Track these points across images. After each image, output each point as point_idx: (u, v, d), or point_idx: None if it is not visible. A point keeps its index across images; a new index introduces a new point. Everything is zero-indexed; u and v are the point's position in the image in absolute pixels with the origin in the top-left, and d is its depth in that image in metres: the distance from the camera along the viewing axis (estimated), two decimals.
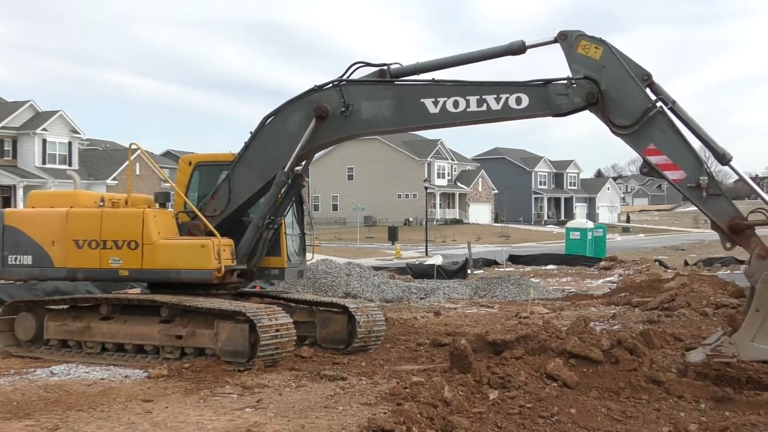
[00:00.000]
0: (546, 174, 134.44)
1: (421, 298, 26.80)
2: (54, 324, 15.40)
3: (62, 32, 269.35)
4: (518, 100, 13.29)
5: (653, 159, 12.75)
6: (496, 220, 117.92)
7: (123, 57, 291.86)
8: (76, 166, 69.37)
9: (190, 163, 16.00)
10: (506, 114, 13.43)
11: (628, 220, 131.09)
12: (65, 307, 15.84)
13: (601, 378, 11.76)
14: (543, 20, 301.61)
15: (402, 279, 32.19)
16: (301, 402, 11.03)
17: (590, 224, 55.05)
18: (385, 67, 14.45)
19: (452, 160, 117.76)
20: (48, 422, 10.04)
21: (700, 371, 12.07)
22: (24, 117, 68.48)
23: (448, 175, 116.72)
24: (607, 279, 35.63)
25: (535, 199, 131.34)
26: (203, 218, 14.83)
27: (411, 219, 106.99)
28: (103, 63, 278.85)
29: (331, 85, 14.50)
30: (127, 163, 73.66)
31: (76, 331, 15.13)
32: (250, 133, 15.14)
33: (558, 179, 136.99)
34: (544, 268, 42.54)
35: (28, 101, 69.64)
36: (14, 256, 15.28)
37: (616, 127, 12.80)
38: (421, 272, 35.92)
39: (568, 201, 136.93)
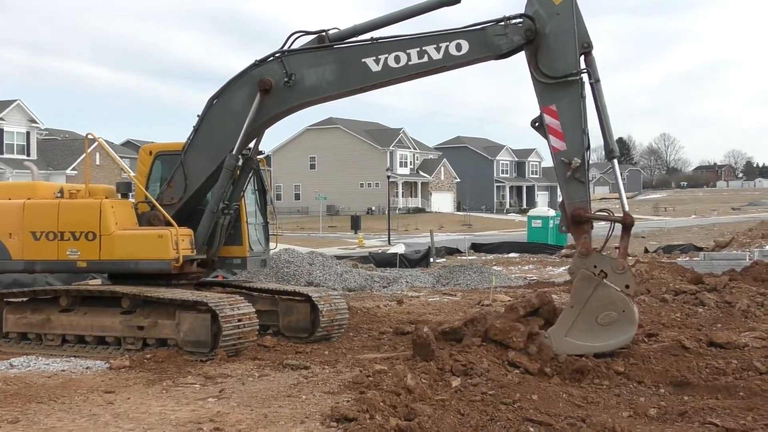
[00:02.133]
0: (508, 162, 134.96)
1: (384, 287, 26.84)
2: (13, 317, 15.23)
3: (17, 22, 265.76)
4: (458, 47, 13.41)
5: (547, 119, 13.09)
6: (458, 209, 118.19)
7: (81, 46, 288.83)
8: (34, 156, 68.63)
9: (150, 153, 15.84)
10: (448, 62, 13.52)
11: None
12: (24, 299, 15.68)
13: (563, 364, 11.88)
14: (502, 6, 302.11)
15: (365, 268, 32.22)
16: (264, 391, 11.02)
17: (552, 212, 55.43)
18: (324, 33, 14.41)
19: (414, 148, 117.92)
20: (8, 415, 9.94)
21: (660, 357, 12.22)
22: None
23: (411, 164, 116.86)
24: (569, 266, 35.83)
25: (497, 187, 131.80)
26: (160, 207, 14.73)
27: (373, 208, 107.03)
28: (60, 52, 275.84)
29: (272, 57, 14.48)
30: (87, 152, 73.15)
31: (35, 323, 14.98)
32: (198, 116, 15.09)
33: (520, 168, 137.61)
34: (506, 256, 42.77)
35: None
36: None
37: (536, 72, 13.06)
38: (384, 261, 36.01)
39: (530, 189, 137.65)
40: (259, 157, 16.08)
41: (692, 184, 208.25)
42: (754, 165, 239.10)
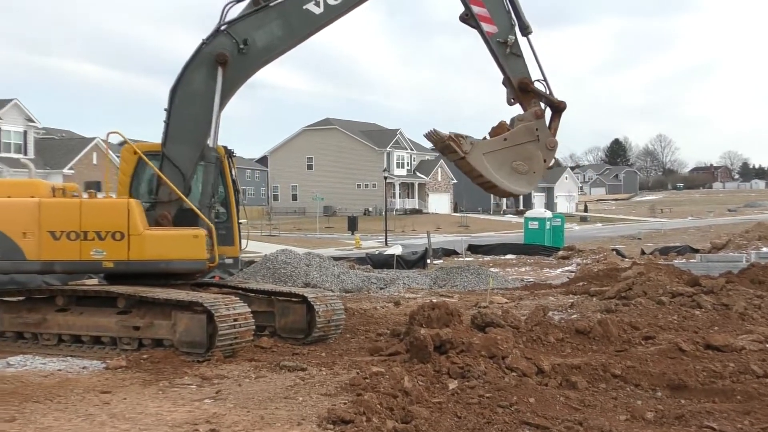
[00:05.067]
0: None
1: (381, 288, 26.79)
2: (9, 316, 15.16)
3: (14, 19, 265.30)
4: None
5: (475, 9, 15.21)
6: (455, 210, 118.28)
7: (77, 45, 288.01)
8: (31, 155, 68.44)
9: (135, 152, 15.73)
10: None
11: (585, 210, 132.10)
12: (20, 298, 15.62)
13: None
14: None
15: (362, 269, 32.18)
16: (260, 393, 10.99)
17: (548, 214, 55.35)
18: None
19: (411, 149, 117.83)
20: (5, 413, 9.92)
21: (657, 359, 12.21)
22: None
23: (408, 165, 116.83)
24: (566, 268, 35.84)
25: None
26: (194, 207, 14.84)
27: (371, 209, 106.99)
28: (58, 51, 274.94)
29: (217, 32, 15.11)
30: (84, 151, 73.06)
31: (32, 322, 14.93)
32: (165, 110, 15.32)
33: None
34: (502, 257, 42.68)
35: None
36: None
37: None
38: (381, 262, 35.90)
39: None
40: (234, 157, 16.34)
41: (688, 186, 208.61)
42: (750, 166, 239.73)
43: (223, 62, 14.94)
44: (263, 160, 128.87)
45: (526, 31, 15.43)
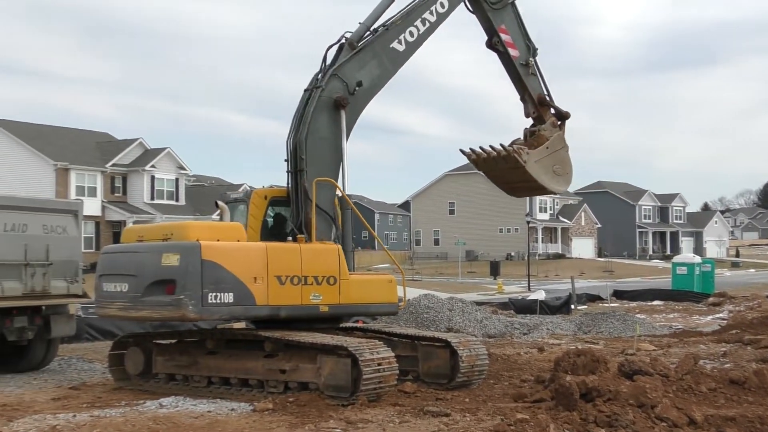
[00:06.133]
0: (650, 208, 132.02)
1: (524, 334, 26.50)
2: (162, 358, 15.67)
3: (164, 72, 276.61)
4: (442, 5, 17.24)
5: (503, 36, 17.84)
6: (599, 255, 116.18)
7: (225, 95, 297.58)
8: (182, 201, 71.22)
9: (265, 197, 16.08)
10: (441, 19, 17.27)
11: (737, 255, 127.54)
12: (172, 341, 16.11)
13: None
14: (639, 52, 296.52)
15: (504, 314, 31.89)
16: None
17: (698, 259, 53.73)
18: (345, 39, 16.34)
19: (554, 194, 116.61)
20: None
21: None
22: (134, 154, 70.81)
23: (550, 209, 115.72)
24: (717, 315, 34.64)
25: (640, 233, 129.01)
26: (390, 255, 15.80)
27: (513, 253, 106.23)
28: (201, 101, 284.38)
29: (327, 77, 15.87)
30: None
31: (183, 364, 15.36)
32: (285, 160, 15.92)
33: (663, 213, 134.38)
34: (649, 303, 41.61)
35: (138, 139, 71.96)
36: (215, 294, 13.97)
37: (486, 3, 17.59)
38: (524, 307, 35.55)
39: (674, 235, 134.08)
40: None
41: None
42: None
43: (343, 105, 15.78)
44: (406, 205, 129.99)
45: (535, 53, 18.27)
